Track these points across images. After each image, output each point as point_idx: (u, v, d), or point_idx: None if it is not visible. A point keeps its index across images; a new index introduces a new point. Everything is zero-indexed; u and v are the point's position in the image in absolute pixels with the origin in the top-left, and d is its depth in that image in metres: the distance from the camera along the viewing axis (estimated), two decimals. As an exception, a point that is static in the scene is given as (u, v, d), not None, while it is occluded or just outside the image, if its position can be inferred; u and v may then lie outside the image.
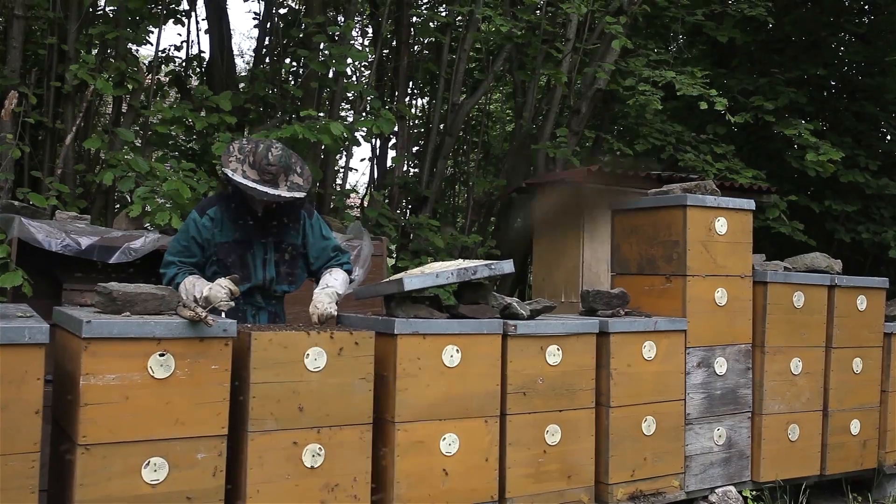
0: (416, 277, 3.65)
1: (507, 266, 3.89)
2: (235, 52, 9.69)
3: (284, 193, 3.65)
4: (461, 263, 3.92)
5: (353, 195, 11.17)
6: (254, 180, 3.61)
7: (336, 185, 8.55)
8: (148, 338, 2.99)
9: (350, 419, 3.42)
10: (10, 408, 2.71)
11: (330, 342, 3.37)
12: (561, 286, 8.04)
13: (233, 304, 3.44)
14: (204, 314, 3.01)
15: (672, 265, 4.67)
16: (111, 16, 7.33)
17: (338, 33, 7.53)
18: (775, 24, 10.84)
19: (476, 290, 3.90)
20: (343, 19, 9.05)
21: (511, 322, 3.90)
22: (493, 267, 3.80)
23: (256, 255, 3.83)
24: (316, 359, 3.33)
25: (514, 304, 3.99)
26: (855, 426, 5.29)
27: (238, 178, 3.60)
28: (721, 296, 4.72)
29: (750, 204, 4.90)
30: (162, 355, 3.01)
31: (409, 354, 3.60)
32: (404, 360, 3.59)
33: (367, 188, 10.95)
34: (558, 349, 4.04)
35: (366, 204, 9.79)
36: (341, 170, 9.28)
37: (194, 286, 3.60)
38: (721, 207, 4.74)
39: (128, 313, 3.13)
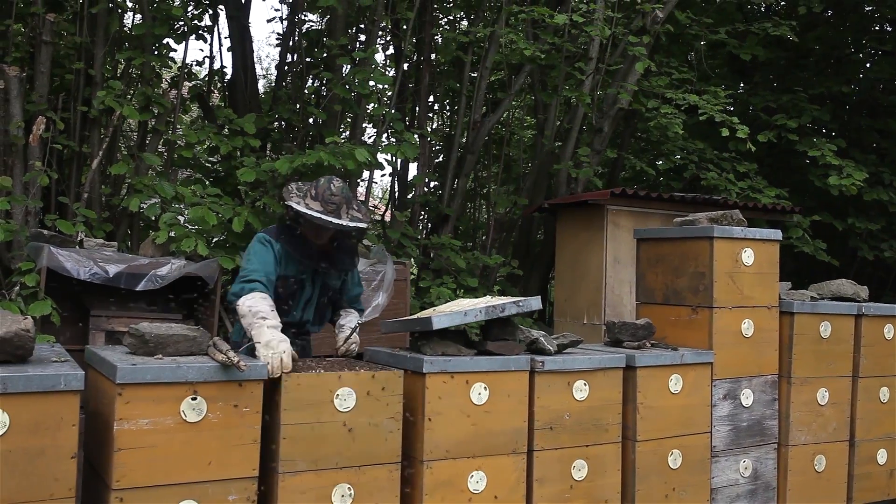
0: (445, 316, 3.66)
1: (535, 303, 3.89)
2: (255, 60, 9.68)
3: (348, 223, 3.75)
4: (489, 301, 3.92)
5: (376, 208, 11.19)
6: (318, 211, 3.71)
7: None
8: (181, 382, 3.01)
9: (379, 458, 3.42)
10: (46, 454, 2.73)
11: (359, 382, 3.38)
12: (584, 308, 8.01)
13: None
14: (236, 359, 3.03)
15: (698, 296, 4.65)
16: (134, 35, 7.38)
17: (360, 57, 7.54)
18: (798, 40, 10.78)
19: (503, 326, 3.89)
20: (365, 39, 9.07)
21: (538, 358, 3.89)
22: (521, 304, 3.79)
23: (304, 294, 3.94)
24: (345, 399, 3.34)
25: (542, 339, 3.99)
26: (882, 456, 5.25)
27: (302, 209, 3.70)
28: (748, 327, 4.70)
29: (777, 234, 4.87)
30: (194, 399, 3.03)
31: (438, 393, 3.60)
32: (433, 399, 3.59)
33: (387, 205, 10.96)
34: (585, 384, 4.03)
35: (387, 219, 9.81)
36: (363, 183, 9.28)
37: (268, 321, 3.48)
38: (748, 238, 4.71)
39: (160, 355, 3.15)
